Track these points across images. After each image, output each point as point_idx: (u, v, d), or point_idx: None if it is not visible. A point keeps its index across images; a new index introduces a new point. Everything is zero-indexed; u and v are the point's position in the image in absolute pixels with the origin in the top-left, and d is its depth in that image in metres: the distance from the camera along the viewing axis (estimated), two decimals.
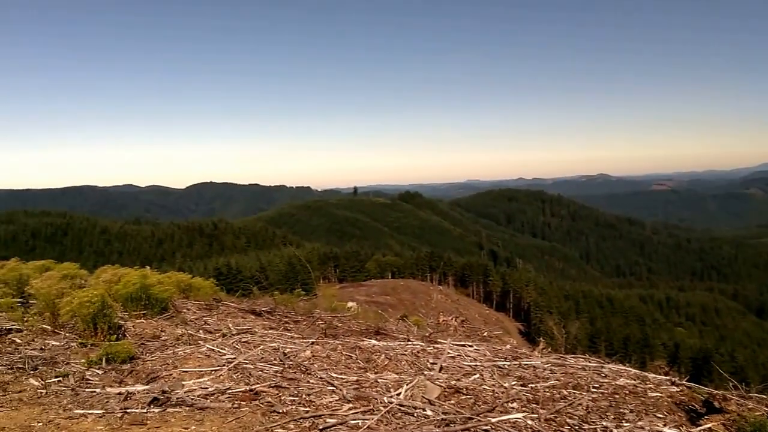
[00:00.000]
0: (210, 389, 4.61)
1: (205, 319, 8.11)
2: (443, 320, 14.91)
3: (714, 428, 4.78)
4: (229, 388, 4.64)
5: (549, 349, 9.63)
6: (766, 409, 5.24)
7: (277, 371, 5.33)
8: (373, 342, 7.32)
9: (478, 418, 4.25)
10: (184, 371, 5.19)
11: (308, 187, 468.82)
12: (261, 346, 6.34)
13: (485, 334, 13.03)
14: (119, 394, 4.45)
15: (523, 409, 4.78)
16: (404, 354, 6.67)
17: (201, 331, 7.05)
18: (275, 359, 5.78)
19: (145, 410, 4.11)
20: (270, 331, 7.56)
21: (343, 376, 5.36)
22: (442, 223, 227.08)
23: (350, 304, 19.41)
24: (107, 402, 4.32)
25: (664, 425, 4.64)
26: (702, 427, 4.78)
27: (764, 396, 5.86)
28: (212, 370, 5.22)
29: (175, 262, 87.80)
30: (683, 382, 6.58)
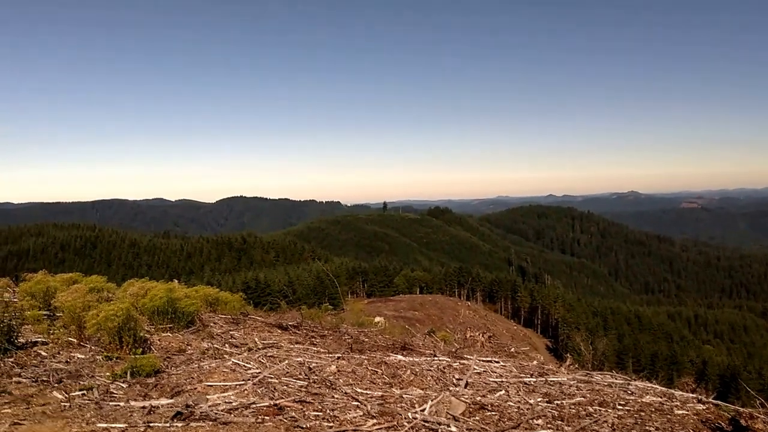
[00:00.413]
0: (234, 403, 4.58)
1: (231, 333, 8.12)
2: (470, 336, 14.75)
3: None
4: (253, 403, 4.60)
5: (576, 366, 9.46)
6: None
7: (301, 386, 5.28)
8: (399, 357, 7.25)
9: None
10: (209, 385, 5.17)
11: (338, 202, 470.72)
12: (286, 361, 6.31)
13: (512, 349, 12.86)
14: (143, 407, 4.42)
15: (548, 426, 4.67)
16: (430, 369, 6.59)
17: (227, 345, 7.05)
18: (300, 374, 5.74)
19: (168, 424, 4.05)
20: (296, 346, 7.54)
21: (368, 392, 5.30)
22: (471, 239, 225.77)
23: (378, 319, 19.36)
24: (131, 416, 4.28)
25: None
26: None
27: None
28: (237, 385, 5.19)
29: (204, 276, 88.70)
30: (710, 400, 6.39)
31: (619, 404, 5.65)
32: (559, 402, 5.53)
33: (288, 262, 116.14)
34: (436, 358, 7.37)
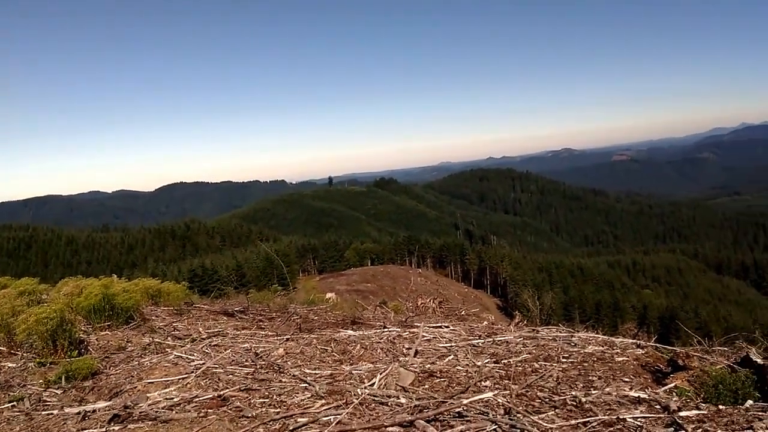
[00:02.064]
0: (176, 399, 4.37)
1: (174, 324, 7.83)
2: (422, 303, 14.83)
3: (679, 385, 4.81)
4: (196, 396, 4.41)
5: (525, 322, 9.63)
6: (726, 362, 5.28)
7: (248, 373, 5.12)
8: (349, 332, 7.17)
9: (451, 400, 4.14)
10: (149, 382, 4.93)
11: (282, 181, 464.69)
12: (232, 348, 6.13)
13: (463, 312, 12.98)
14: (78, 413, 4.12)
15: (496, 386, 4.70)
16: (380, 342, 6.54)
17: (169, 338, 6.78)
18: (246, 360, 5.57)
19: (104, 429, 3.80)
20: (242, 332, 7.34)
21: (317, 371, 5.19)
22: (418, 207, 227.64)
23: (329, 295, 19.25)
24: (64, 424, 4.00)
25: (631, 389, 4.65)
26: (667, 387, 4.82)
27: (726, 349, 5.92)
28: (179, 379, 4.97)
29: (148, 268, 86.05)
30: (648, 343, 6.61)
31: (563, 357, 5.74)
32: (506, 361, 5.58)
33: (235, 246, 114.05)
34: (386, 330, 7.32)
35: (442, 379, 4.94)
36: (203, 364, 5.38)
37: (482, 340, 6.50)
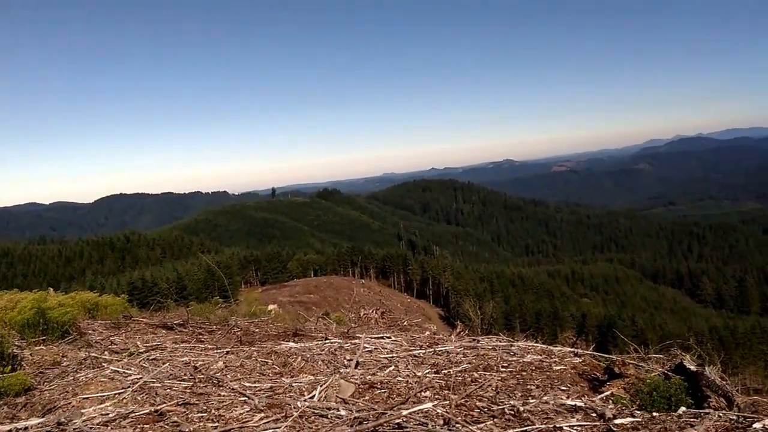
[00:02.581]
0: (111, 415, 4.26)
1: (111, 338, 7.61)
2: (364, 314, 14.85)
3: (615, 393, 4.94)
4: (133, 412, 4.31)
5: (466, 332, 9.79)
6: (661, 369, 5.49)
7: (186, 387, 5.04)
8: (291, 344, 7.14)
9: (391, 412, 4.19)
10: (84, 398, 4.79)
11: (225, 192, 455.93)
12: (170, 362, 6.02)
13: (405, 323, 13.09)
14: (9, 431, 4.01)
15: (436, 396, 4.77)
16: (321, 353, 6.54)
17: (106, 353, 6.60)
18: (185, 374, 5.49)
19: None
20: (182, 345, 7.20)
21: (257, 384, 5.16)
22: (361, 218, 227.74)
23: (271, 307, 19.04)
24: None
25: (568, 397, 4.75)
26: (603, 395, 4.93)
27: (661, 357, 6.17)
28: (115, 394, 4.85)
29: (86, 281, 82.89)
30: (585, 352, 6.82)
31: (503, 366, 5.84)
32: (446, 371, 5.66)
33: (176, 258, 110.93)
34: (327, 341, 7.33)
35: (383, 390, 4.99)
36: (140, 378, 5.26)
37: (423, 351, 6.58)
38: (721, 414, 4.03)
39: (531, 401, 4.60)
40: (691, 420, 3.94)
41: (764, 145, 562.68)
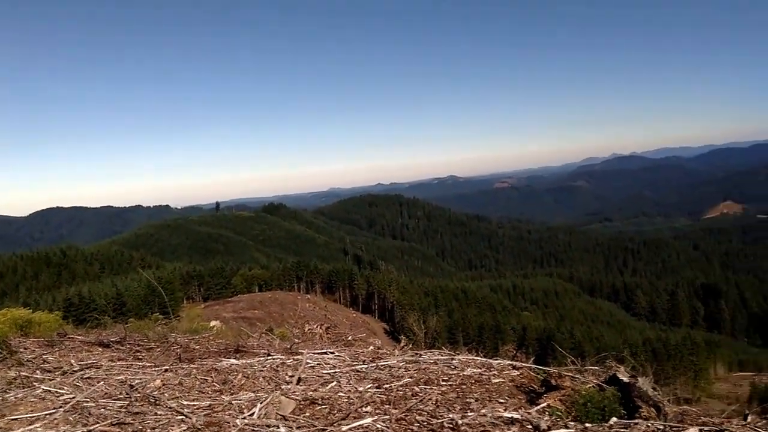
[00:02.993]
0: None
1: (44, 357, 7.29)
2: (309, 329, 14.73)
3: (552, 405, 5.04)
4: None
5: (410, 346, 9.84)
6: (596, 381, 5.66)
7: (121, 406, 4.88)
8: (232, 361, 7.01)
9: (331, 428, 4.18)
10: (13, 419, 4.57)
11: (167, 206, 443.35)
12: (105, 381, 5.82)
13: (350, 338, 13.05)
14: None
15: (377, 411, 4.76)
16: (263, 370, 6.45)
17: (38, 372, 6.31)
18: (121, 393, 5.31)
19: None
20: (118, 363, 6.96)
21: (196, 403, 5.04)
22: (307, 232, 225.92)
23: (213, 323, 18.63)
24: None
25: (505, 409, 4.82)
26: (539, 406, 5.00)
27: (597, 368, 6.35)
28: (46, 414, 4.64)
29: (20, 297, 78.92)
30: (523, 364, 6.96)
31: (443, 380, 5.89)
32: (387, 386, 5.67)
33: (115, 273, 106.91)
34: (270, 357, 7.23)
35: (324, 406, 4.96)
36: (73, 398, 5.06)
37: (366, 366, 6.58)
38: (650, 424, 4.13)
39: (469, 414, 4.65)
40: (622, 430, 4.02)
41: (694, 164, 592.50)
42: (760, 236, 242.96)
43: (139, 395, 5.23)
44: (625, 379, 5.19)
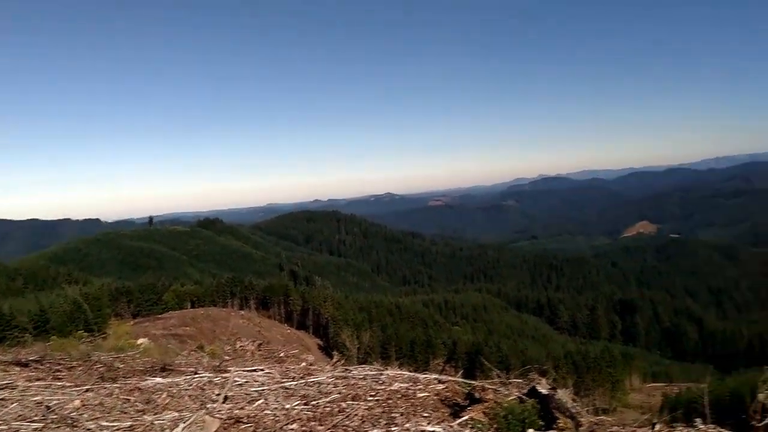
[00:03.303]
0: None
1: None
2: (240, 346, 14.42)
3: (475, 417, 5.14)
4: None
5: (342, 361, 9.80)
6: (518, 393, 5.81)
7: (36, 429, 4.64)
8: (157, 380, 6.78)
9: None
10: None
11: (97, 219, 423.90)
12: (20, 402, 5.50)
13: (282, 354, 12.86)
14: None
15: (303, 428, 4.73)
16: (189, 389, 6.27)
17: None
18: (36, 415, 5.04)
19: None
20: (35, 383, 6.61)
21: (116, 423, 4.85)
22: (244, 248, 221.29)
23: (141, 340, 17.93)
24: None
25: (428, 423, 4.87)
26: (462, 419, 5.09)
27: (520, 381, 6.50)
28: None
29: None
30: (449, 378, 7.06)
31: (370, 396, 5.90)
32: (315, 402, 5.64)
33: (40, 289, 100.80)
34: (197, 376, 7.04)
35: (249, 425, 4.88)
36: None
37: (295, 382, 6.52)
38: None
39: (394, 429, 4.68)
40: None
41: (614, 186, 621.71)
42: (672, 254, 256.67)
43: (55, 417, 4.99)
44: (544, 391, 5.35)
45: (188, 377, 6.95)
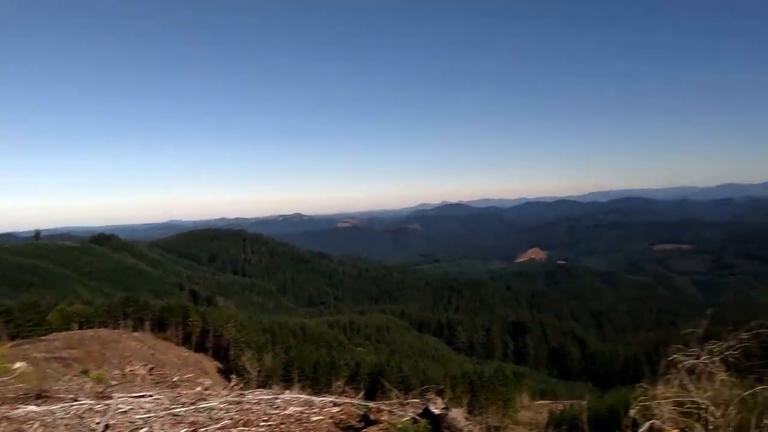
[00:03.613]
0: None
1: None
2: (130, 370, 13.60)
3: None
4: None
5: (240, 385, 9.47)
6: (412, 413, 5.85)
7: None
8: (30, 408, 6.22)
9: None
10: None
11: None
12: None
13: (176, 379, 12.25)
14: None
15: None
16: (65, 417, 5.80)
17: None
18: None
19: None
20: None
21: None
22: (140, 266, 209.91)
23: (18, 364, 16.42)
24: None
25: None
26: None
27: (418, 401, 6.55)
28: None
29: None
30: (345, 400, 7.01)
31: (263, 420, 5.77)
32: (204, 429, 5.44)
33: None
34: (76, 403, 6.55)
35: None
36: None
37: (185, 408, 6.23)
38: None
39: None
40: None
41: (509, 215, 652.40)
42: (560, 280, 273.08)
43: None
44: (437, 411, 5.44)
45: (66, 405, 6.46)
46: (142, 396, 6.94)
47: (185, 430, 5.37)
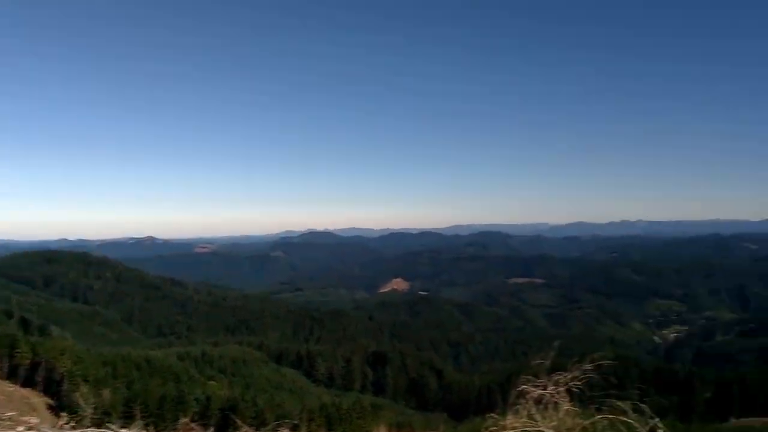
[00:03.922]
0: None
1: None
2: None
3: None
4: None
5: (72, 424, 9.31)
6: None
7: None
8: None
9: None
10: None
11: None
12: None
13: None
14: None
15: None
16: None
17: None
18: None
19: None
20: None
21: None
22: None
23: None
24: None
25: None
26: None
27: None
28: None
29: None
30: None
31: None
32: None
33: None
34: None
35: None
36: None
37: None
38: None
39: None
40: None
41: (374, 244, 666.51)
42: (421, 310, 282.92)
43: None
44: None
45: None
46: None
47: None
